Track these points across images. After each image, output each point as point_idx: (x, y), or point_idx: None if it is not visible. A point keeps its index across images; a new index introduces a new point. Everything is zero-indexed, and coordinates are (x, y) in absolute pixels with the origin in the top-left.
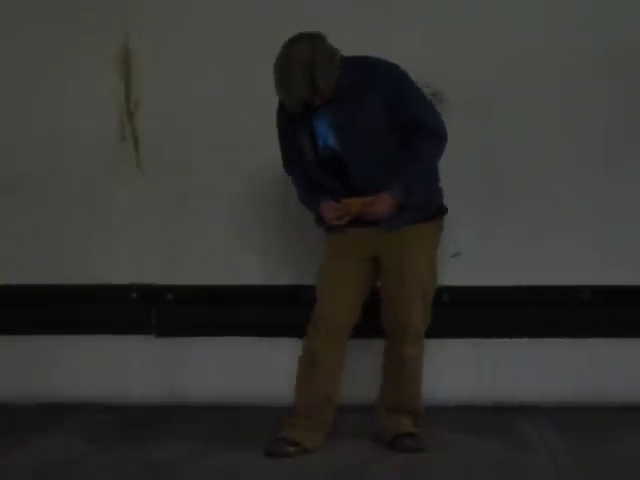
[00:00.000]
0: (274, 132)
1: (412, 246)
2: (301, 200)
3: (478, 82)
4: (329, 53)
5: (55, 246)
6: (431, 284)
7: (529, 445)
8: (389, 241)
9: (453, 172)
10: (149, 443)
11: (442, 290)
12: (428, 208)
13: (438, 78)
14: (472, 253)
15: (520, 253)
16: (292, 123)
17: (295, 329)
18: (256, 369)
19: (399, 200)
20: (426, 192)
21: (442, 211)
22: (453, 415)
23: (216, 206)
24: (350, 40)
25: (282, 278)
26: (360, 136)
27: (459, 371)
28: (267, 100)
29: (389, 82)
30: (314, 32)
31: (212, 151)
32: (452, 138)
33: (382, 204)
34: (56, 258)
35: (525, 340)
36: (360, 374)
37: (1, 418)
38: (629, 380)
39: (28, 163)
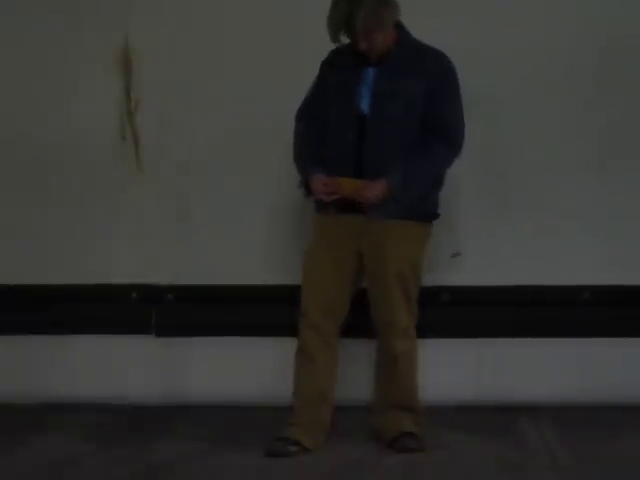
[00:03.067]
0: (274, 132)
1: (395, 242)
2: (295, 160)
3: (479, 83)
4: (381, 5)
5: (55, 246)
6: (413, 282)
7: (529, 445)
8: (373, 233)
9: (454, 172)
10: (149, 443)
11: (442, 290)
12: (419, 208)
13: None
14: (472, 253)
15: (520, 253)
16: (339, 71)
17: (295, 329)
18: (256, 369)
19: (392, 190)
20: (422, 194)
21: (433, 216)
22: (453, 415)
23: (216, 206)
24: None
25: (282, 278)
26: (392, 112)
27: (459, 371)
28: (268, 100)
29: (437, 71)
30: None
31: (212, 151)
32: None
33: (375, 189)
34: (56, 258)
35: (525, 340)
36: (358, 374)
37: (1, 418)
38: (629, 380)
39: (28, 163)
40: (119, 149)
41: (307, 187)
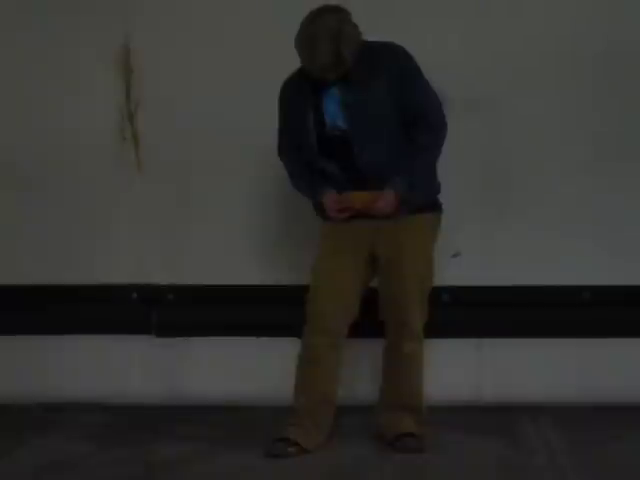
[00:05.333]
0: (275, 132)
1: (411, 243)
2: (296, 188)
3: (479, 84)
4: (354, 28)
5: (55, 246)
6: (429, 281)
7: (529, 445)
8: (387, 236)
9: (454, 172)
10: (149, 443)
11: (442, 290)
12: (429, 198)
13: (439, 80)
14: (472, 253)
15: (520, 253)
16: (299, 101)
17: (295, 329)
18: (256, 369)
19: (402, 196)
20: (427, 186)
21: (439, 204)
22: (453, 415)
23: (216, 206)
24: None
25: (282, 278)
26: (369, 117)
27: (459, 371)
28: (268, 100)
29: (394, 62)
30: (341, 5)
31: (212, 151)
32: (453, 139)
33: (385, 201)
34: (56, 258)
35: (525, 340)
36: (360, 374)
37: (1, 418)
38: (629, 380)
39: (28, 163)
40: (119, 149)
41: (319, 207)
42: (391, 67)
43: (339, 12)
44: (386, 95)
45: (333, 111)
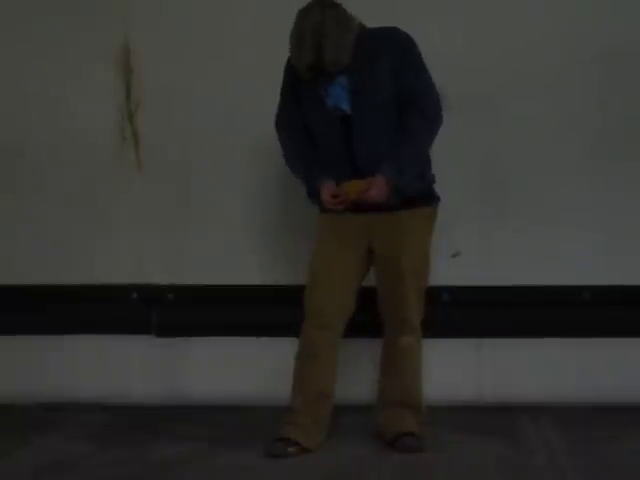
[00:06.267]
0: (275, 132)
1: (408, 240)
2: (291, 169)
3: (478, 83)
4: (341, 22)
5: (55, 246)
6: (425, 277)
7: (529, 445)
8: (384, 232)
9: (453, 172)
10: (149, 443)
11: (442, 290)
12: (423, 189)
13: (438, 78)
14: (472, 253)
15: (520, 253)
16: (302, 80)
17: (295, 329)
18: (256, 369)
19: (392, 182)
20: (418, 173)
21: (434, 196)
22: (453, 415)
23: (216, 206)
24: None
25: (282, 278)
26: (372, 102)
27: (459, 371)
28: (268, 100)
29: (397, 47)
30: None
31: (212, 151)
32: (452, 139)
33: (377, 188)
34: (56, 258)
35: (525, 340)
36: (360, 374)
37: (1, 418)
38: (629, 380)
39: (28, 163)
40: (119, 149)
41: (312, 194)
42: (394, 52)
43: (323, 8)
44: (389, 80)
45: (337, 95)
